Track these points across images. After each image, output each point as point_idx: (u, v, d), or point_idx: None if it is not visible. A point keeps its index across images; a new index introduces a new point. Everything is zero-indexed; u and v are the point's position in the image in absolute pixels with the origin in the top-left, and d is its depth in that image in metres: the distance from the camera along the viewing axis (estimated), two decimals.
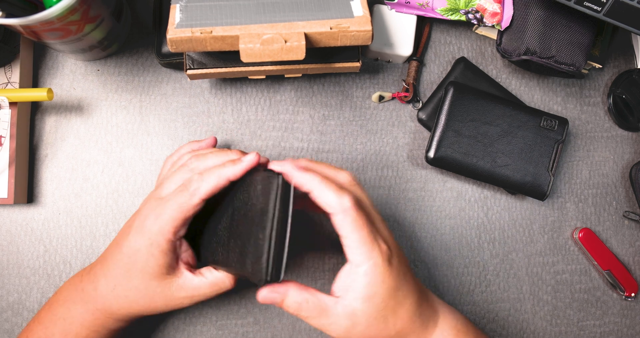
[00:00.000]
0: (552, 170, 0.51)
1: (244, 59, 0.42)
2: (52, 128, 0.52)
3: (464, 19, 0.52)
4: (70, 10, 0.39)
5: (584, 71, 0.55)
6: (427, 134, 0.54)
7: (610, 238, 0.55)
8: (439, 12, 0.52)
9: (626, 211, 0.55)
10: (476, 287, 0.53)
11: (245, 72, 0.48)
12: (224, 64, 0.47)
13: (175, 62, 0.50)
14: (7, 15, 0.39)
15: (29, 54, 0.51)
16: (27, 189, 0.51)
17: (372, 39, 0.44)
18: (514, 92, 0.56)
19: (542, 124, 0.52)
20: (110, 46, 0.50)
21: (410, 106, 0.55)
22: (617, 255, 0.55)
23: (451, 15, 0.52)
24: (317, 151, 0.53)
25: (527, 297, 0.54)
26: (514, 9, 0.50)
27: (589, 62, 0.54)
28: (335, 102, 0.54)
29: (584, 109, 0.56)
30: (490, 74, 0.56)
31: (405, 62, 0.55)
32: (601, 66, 0.54)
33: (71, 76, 0.52)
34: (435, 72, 0.56)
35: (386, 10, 0.53)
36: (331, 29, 0.42)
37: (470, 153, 0.51)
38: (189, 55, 0.47)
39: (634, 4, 0.45)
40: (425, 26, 0.55)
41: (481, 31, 0.56)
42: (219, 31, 0.42)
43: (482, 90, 0.53)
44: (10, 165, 0.48)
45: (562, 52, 0.50)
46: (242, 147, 0.53)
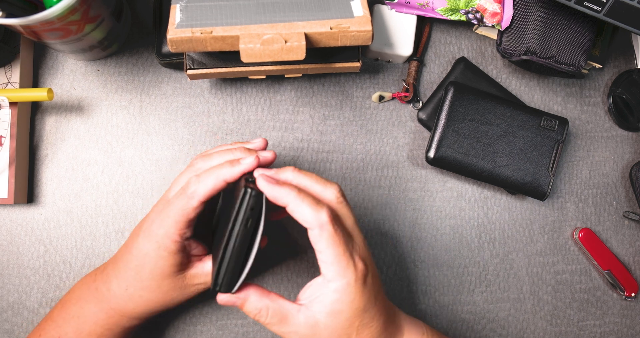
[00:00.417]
0: (552, 170, 0.51)
1: (244, 59, 0.42)
2: (52, 128, 0.52)
3: (464, 19, 0.52)
4: (70, 10, 0.39)
5: (584, 71, 0.55)
6: (427, 134, 0.54)
7: (610, 238, 0.55)
8: (439, 12, 0.52)
9: (626, 211, 0.55)
10: (476, 287, 0.53)
11: (245, 72, 0.48)
12: (224, 64, 0.47)
13: (175, 62, 0.50)
14: (7, 15, 0.39)
15: (29, 54, 0.51)
16: (27, 189, 0.51)
17: (372, 39, 0.44)
18: (514, 92, 0.56)
19: (542, 124, 0.52)
20: (110, 46, 0.50)
21: (410, 106, 0.55)
22: (617, 255, 0.55)
23: (451, 15, 0.52)
24: (317, 151, 0.53)
25: (527, 297, 0.54)
26: (514, 9, 0.50)
27: (589, 62, 0.54)
28: (335, 102, 0.54)
29: (584, 109, 0.56)
30: (490, 74, 0.56)
31: (405, 62, 0.55)
32: (601, 66, 0.54)
33: (71, 76, 0.52)
34: (435, 72, 0.56)
35: (386, 10, 0.53)
36: (331, 29, 0.42)
37: (470, 153, 0.51)
38: (189, 55, 0.47)
39: (634, 4, 0.45)
40: (425, 26, 0.55)
41: (481, 31, 0.56)
42: (219, 31, 0.42)
43: (482, 90, 0.53)
44: (10, 165, 0.48)
45: (562, 52, 0.50)
46: None
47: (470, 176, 0.52)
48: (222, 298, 0.36)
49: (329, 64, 0.48)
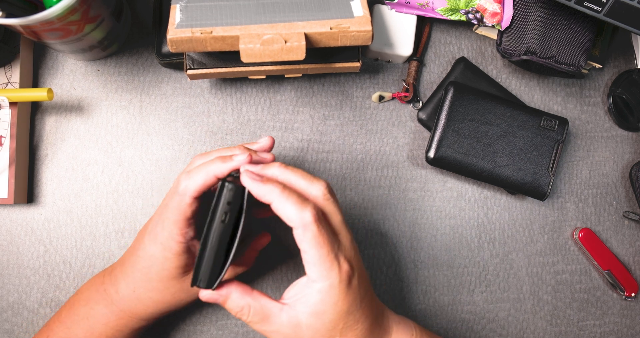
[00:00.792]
0: (552, 170, 0.51)
1: (244, 59, 0.42)
2: (52, 128, 0.52)
3: (464, 19, 0.52)
4: (70, 10, 0.39)
5: (584, 71, 0.55)
6: (427, 134, 0.54)
7: (610, 238, 0.55)
8: (439, 12, 0.52)
9: (626, 211, 0.55)
10: (476, 287, 0.53)
11: (245, 72, 0.48)
12: (224, 64, 0.47)
13: (175, 62, 0.50)
14: (7, 15, 0.39)
15: (29, 54, 0.51)
16: (27, 189, 0.51)
17: (372, 39, 0.44)
18: (514, 92, 0.56)
19: (542, 124, 0.52)
20: (110, 46, 0.50)
21: (410, 106, 0.55)
22: (617, 255, 0.55)
23: (451, 15, 0.52)
24: (317, 151, 0.53)
25: (527, 297, 0.54)
26: (514, 9, 0.50)
27: (589, 62, 0.54)
28: (335, 102, 0.54)
29: (584, 109, 0.56)
30: (490, 74, 0.56)
31: (405, 62, 0.55)
32: (601, 66, 0.54)
33: (71, 76, 0.52)
34: (435, 72, 0.56)
35: (386, 10, 0.53)
36: (331, 29, 0.42)
37: (470, 153, 0.51)
38: (189, 55, 0.47)
39: (634, 4, 0.45)
40: (425, 26, 0.55)
41: (481, 31, 0.56)
42: (219, 31, 0.42)
43: (482, 90, 0.53)
44: (10, 165, 0.48)
45: (562, 52, 0.50)
46: None
47: (470, 176, 0.52)
48: (204, 294, 0.36)
49: (329, 64, 0.48)
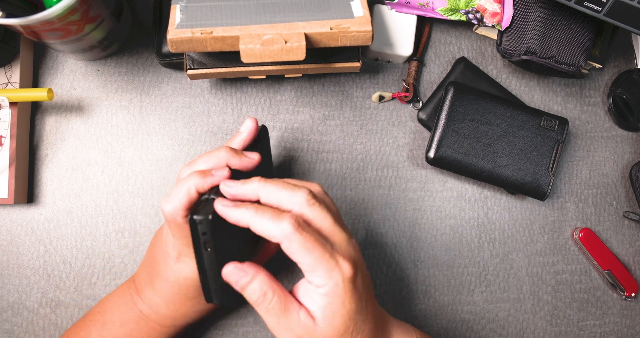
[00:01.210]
0: (552, 170, 0.51)
1: (244, 59, 0.42)
2: (52, 128, 0.52)
3: (464, 19, 0.52)
4: (70, 10, 0.39)
5: (584, 71, 0.55)
6: (427, 134, 0.54)
7: (610, 238, 0.55)
8: (439, 12, 0.52)
9: (626, 211, 0.55)
10: (476, 287, 0.53)
11: (245, 72, 0.48)
12: (224, 64, 0.47)
13: (175, 62, 0.50)
14: (7, 15, 0.39)
15: (29, 54, 0.51)
16: (27, 189, 0.51)
17: (372, 39, 0.44)
18: (514, 92, 0.56)
19: (542, 124, 0.52)
20: (110, 46, 0.50)
21: (410, 106, 0.55)
22: (617, 255, 0.55)
23: (451, 15, 0.52)
24: (317, 151, 0.53)
25: (527, 297, 0.54)
26: (514, 9, 0.50)
27: (589, 62, 0.54)
28: (335, 102, 0.54)
29: (584, 109, 0.56)
30: (490, 74, 0.56)
31: (405, 62, 0.55)
32: (601, 66, 0.54)
33: (71, 76, 0.52)
34: (435, 72, 0.56)
35: (386, 10, 0.53)
36: (331, 29, 0.42)
37: (470, 153, 0.51)
38: (189, 55, 0.47)
39: (634, 4, 0.45)
40: (425, 26, 0.55)
41: (481, 31, 0.56)
42: (219, 32, 0.42)
43: (482, 90, 0.53)
44: (10, 165, 0.48)
45: (562, 52, 0.50)
46: None
47: (470, 176, 0.52)
48: (228, 269, 0.34)
49: (329, 64, 0.48)
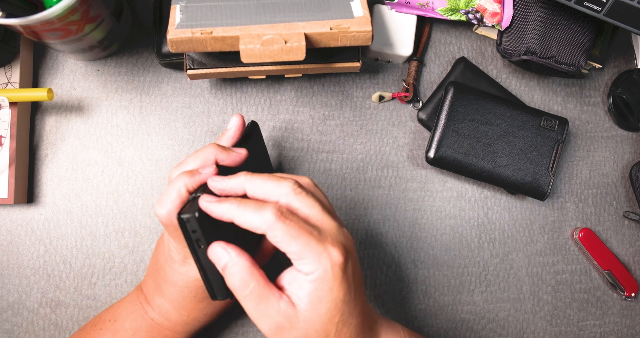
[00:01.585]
0: (552, 170, 0.51)
1: (244, 59, 0.42)
2: (52, 128, 0.52)
3: (464, 19, 0.52)
4: (70, 10, 0.39)
5: (584, 71, 0.55)
6: (427, 134, 0.54)
7: (610, 238, 0.55)
8: (439, 12, 0.52)
9: (626, 211, 0.55)
10: (476, 287, 0.53)
11: (245, 72, 0.48)
12: (224, 64, 0.47)
13: (175, 62, 0.50)
14: (7, 15, 0.39)
15: (29, 54, 0.51)
16: (27, 189, 0.51)
17: (372, 39, 0.44)
18: (514, 92, 0.56)
19: (542, 124, 0.52)
20: (110, 46, 0.50)
21: (410, 106, 0.55)
22: (617, 255, 0.55)
23: (451, 15, 0.52)
24: (317, 151, 0.53)
25: (527, 297, 0.54)
26: (514, 9, 0.50)
27: (589, 62, 0.54)
28: (335, 102, 0.54)
29: (584, 109, 0.56)
30: (490, 74, 0.56)
31: (405, 62, 0.55)
32: (601, 66, 0.54)
33: (71, 76, 0.52)
34: (435, 72, 0.56)
35: (386, 10, 0.53)
36: (331, 29, 0.42)
37: (470, 153, 0.51)
38: (189, 55, 0.47)
39: (634, 4, 0.45)
40: (425, 26, 0.55)
41: (481, 31, 0.56)
42: (219, 32, 0.42)
43: (482, 90, 0.53)
44: (10, 165, 0.48)
45: (562, 52, 0.50)
46: None
47: (470, 176, 0.52)
48: (213, 248, 0.33)
49: (329, 64, 0.48)
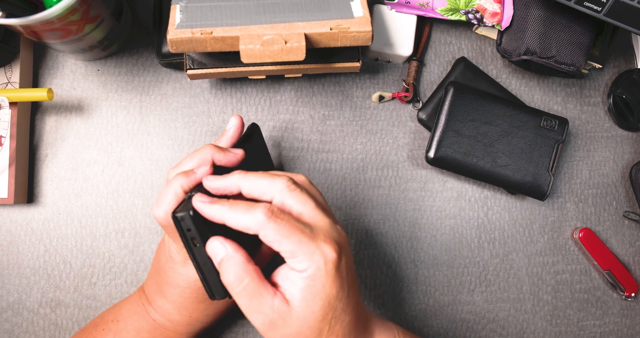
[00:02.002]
0: (552, 170, 0.51)
1: (244, 59, 0.42)
2: (52, 128, 0.52)
3: (464, 19, 0.52)
4: (70, 10, 0.39)
5: (584, 71, 0.55)
6: (427, 134, 0.54)
7: (610, 238, 0.55)
8: (439, 12, 0.52)
9: (626, 211, 0.55)
10: (476, 287, 0.53)
11: (245, 72, 0.48)
12: (224, 64, 0.47)
13: (175, 62, 0.50)
14: (7, 15, 0.39)
15: (29, 54, 0.51)
16: (27, 189, 0.51)
17: (372, 39, 0.44)
18: (514, 92, 0.56)
19: (542, 124, 0.52)
20: (110, 46, 0.50)
21: (410, 106, 0.55)
22: (617, 255, 0.55)
23: (451, 15, 0.52)
24: (317, 151, 0.53)
25: (527, 297, 0.54)
26: (514, 9, 0.50)
27: (589, 62, 0.54)
28: (335, 102, 0.54)
29: (584, 109, 0.56)
30: (490, 74, 0.56)
31: (405, 62, 0.55)
32: (601, 66, 0.54)
33: (71, 76, 0.52)
34: (435, 72, 0.56)
35: (386, 10, 0.53)
36: (331, 29, 0.42)
37: (470, 153, 0.51)
38: (189, 55, 0.47)
39: (634, 4, 0.45)
40: (425, 26, 0.55)
41: (481, 31, 0.56)
42: (219, 32, 0.42)
43: (482, 90, 0.53)
44: (10, 165, 0.48)
45: (562, 52, 0.50)
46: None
47: (470, 176, 0.52)
48: (210, 243, 0.33)
49: (329, 64, 0.48)
